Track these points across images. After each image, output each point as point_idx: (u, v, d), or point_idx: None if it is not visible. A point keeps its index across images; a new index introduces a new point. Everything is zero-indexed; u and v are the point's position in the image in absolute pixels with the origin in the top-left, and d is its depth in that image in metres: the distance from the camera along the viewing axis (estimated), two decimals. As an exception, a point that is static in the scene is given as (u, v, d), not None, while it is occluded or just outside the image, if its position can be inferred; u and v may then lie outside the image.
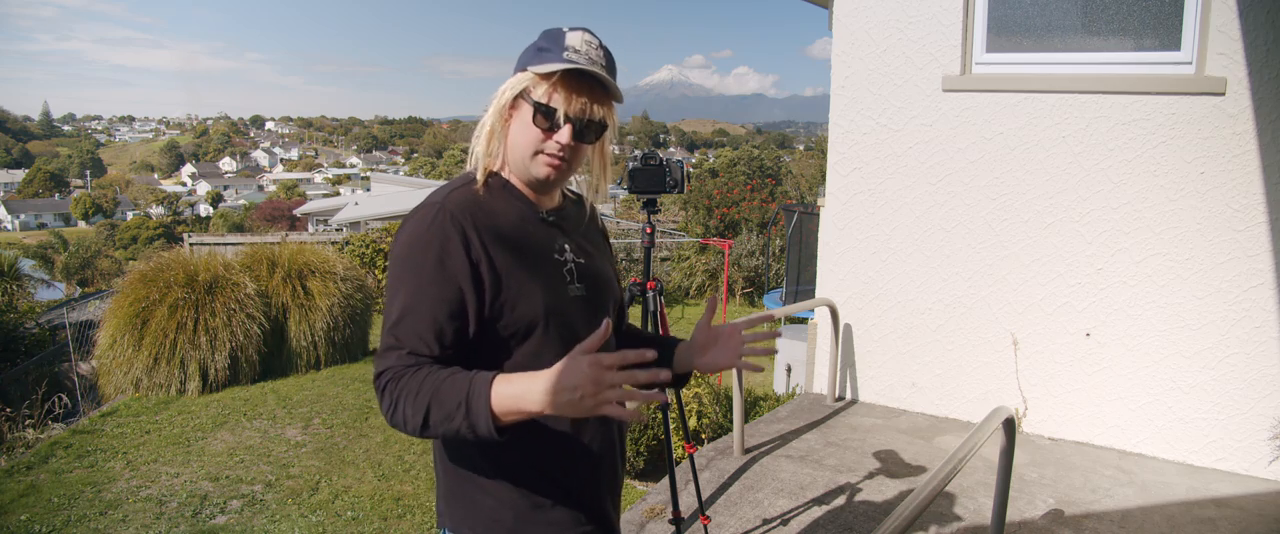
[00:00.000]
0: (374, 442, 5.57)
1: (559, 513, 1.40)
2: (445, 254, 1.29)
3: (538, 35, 1.40)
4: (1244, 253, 3.71)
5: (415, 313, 1.27)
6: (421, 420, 1.20)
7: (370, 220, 22.25)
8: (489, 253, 1.32)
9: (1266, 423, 3.71)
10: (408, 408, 1.21)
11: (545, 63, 1.33)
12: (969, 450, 2.05)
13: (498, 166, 1.43)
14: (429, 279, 1.28)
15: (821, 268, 4.85)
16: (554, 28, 1.39)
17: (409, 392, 1.21)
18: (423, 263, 1.29)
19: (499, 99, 1.37)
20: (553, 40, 1.36)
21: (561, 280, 1.41)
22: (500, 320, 1.33)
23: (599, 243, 1.58)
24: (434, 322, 1.27)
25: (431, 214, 1.32)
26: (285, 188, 77.07)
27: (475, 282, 1.30)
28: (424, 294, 1.28)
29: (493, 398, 1.17)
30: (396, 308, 1.29)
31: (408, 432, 1.24)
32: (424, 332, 1.27)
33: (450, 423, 1.18)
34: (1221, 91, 3.67)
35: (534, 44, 1.38)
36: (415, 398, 1.20)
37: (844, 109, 4.63)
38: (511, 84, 1.37)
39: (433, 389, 1.20)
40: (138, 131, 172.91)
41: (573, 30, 1.37)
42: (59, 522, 4.22)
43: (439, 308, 1.28)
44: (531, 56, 1.36)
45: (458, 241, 1.29)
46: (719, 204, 16.62)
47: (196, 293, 6.99)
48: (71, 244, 44.81)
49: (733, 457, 3.90)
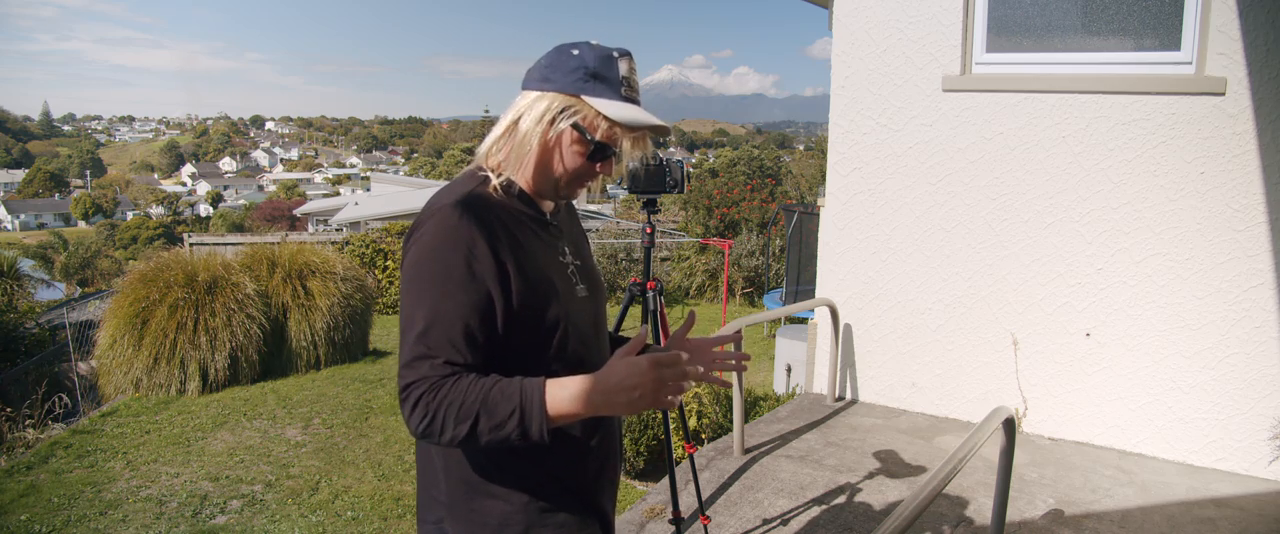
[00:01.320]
0: (374, 442, 5.57)
1: (565, 516, 1.39)
2: (474, 257, 1.25)
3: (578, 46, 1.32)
4: (1244, 253, 3.71)
5: (445, 319, 1.22)
6: (467, 430, 1.17)
7: (370, 220, 22.24)
8: (514, 255, 1.29)
9: (1266, 423, 3.71)
10: (449, 418, 1.18)
11: (604, 98, 1.29)
12: (969, 450, 2.05)
13: (509, 169, 1.39)
14: (458, 283, 1.24)
15: (821, 268, 4.85)
16: (600, 48, 1.32)
17: (451, 402, 1.18)
18: (451, 266, 1.24)
19: (542, 114, 1.31)
20: (605, 66, 1.30)
21: (569, 282, 1.41)
22: (526, 323, 1.31)
23: (584, 241, 1.59)
24: (466, 327, 1.23)
25: (456, 216, 1.27)
26: (285, 188, 77.09)
27: (503, 284, 1.27)
28: (453, 299, 1.23)
29: (548, 404, 1.17)
30: (423, 314, 1.23)
31: (441, 442, 1.20)
32: (457, 338, 1.22)
33: (500, 431, 1.17)
34: (1221, 91, 3.67)
35: (579, 61, 1.31)
36: (460, 408, 1.18)
37: (844, 109, 4.63)
38: (557, 103, 1.30)
39: (480, 398, 1.18)
40: (138, 131, 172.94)
41: (621, 56, 1.32)
42: (59, 522, 4.22)
43: (470, 313, 1.23)
44: (582, 81, 1.30)
45: (485, 244, 1.26)
46: (719, 204, 16.62)
47: (196, 293, 6.99)
48: (71, 244, 44.81)
49: (733, 457, 3.90)
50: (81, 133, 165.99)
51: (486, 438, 1.18)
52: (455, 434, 1.18)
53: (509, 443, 1.19)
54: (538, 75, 1.33)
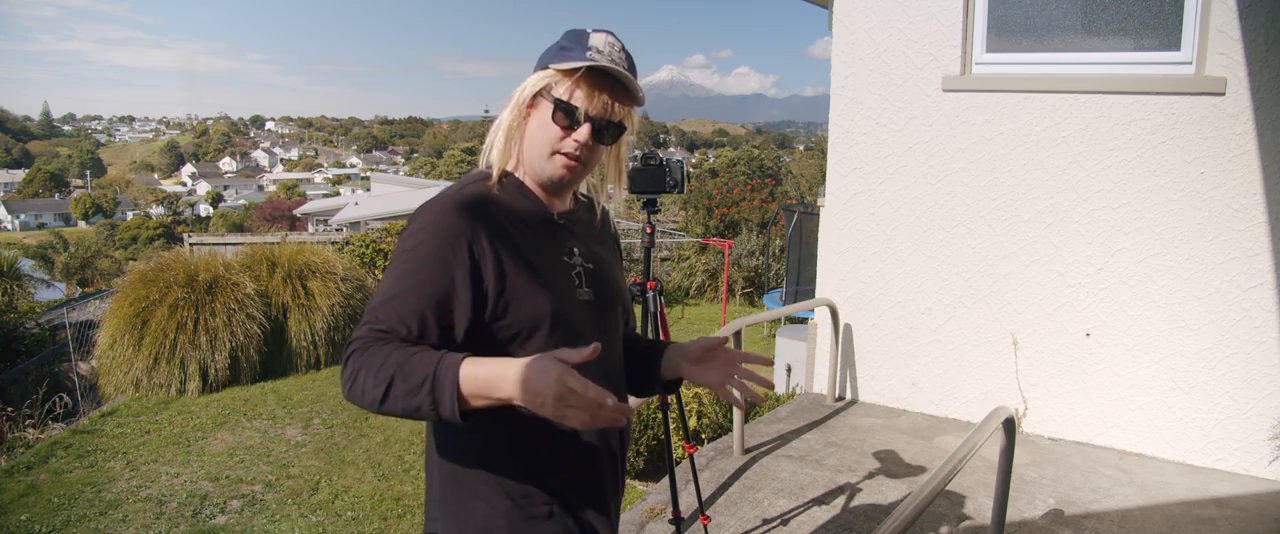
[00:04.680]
0: (374, 442, 5.57)
1: (552, 525, 1.37)
2: (447, 247, 1.26)
3: (561, 35, 1.39)
4: (1244, 253, 3.71)
5: (402, 298, 1.24)
6: (381, 393, 1.14)
7: (370, 220, 22.22)
8: (495, 251, 1.29)
9: (1266, 423, 3.71)
10: (369, 379, 1.14)
11: (567, 60, 1.32)
12: (969, 450, 2.05)
13: (512, 165, 1.41)
14: (424, 268, 1.25)
15: (821, 268, 4.85)
16: (578, 28, 1.38)
17: (372, 363, 1.15)
18: (422, 252, 1.26)
19: (519, 96, 1.36)
20: (576, 40, 1.35)
21: (569, 283, 1.39)
22: (500, 320, 1.30)
23: (610, 247, 1.56)
24: (419, 309, 1.23)
25: (442, 207, 1.30)
26: (285, 188, 77.06)
27: (474, 280, 1.27)
28: (414, 281, 1.24)
29: (462, 379, 1.11)
30: (384, 290, 1.25)
31: (365, 405, 1.17)
32: (408, 316, 1.22)
33: (413, 399, 1.12)
34: (1221, 91, 3.67)
35: (557, 43, 1.37)
36: (378, 370, 1.14)
37: (844, 109, 4.63)
38: (533, 81, 1.35)
39: (399, 362, 1.14)
40: (138, 131, 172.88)
41: (597, 31, 1.36)
42: (59, 522, 4.22)
43: (427, 298, 1.24)
44: (554, 55, 1.35)
45: (463, 237, 1.27)
46: (719, 204, 16.62)
47: (196, 293, 6.99)
48: (71, 244, 44.81)
49: (733, 457, 3.90)
50: (81, 133, 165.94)
51: (401, 404, 1.13)
52: (373, 396, 1.14)
53: (423, 415, 1.13)
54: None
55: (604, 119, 1.33)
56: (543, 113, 1.34)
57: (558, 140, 1.34)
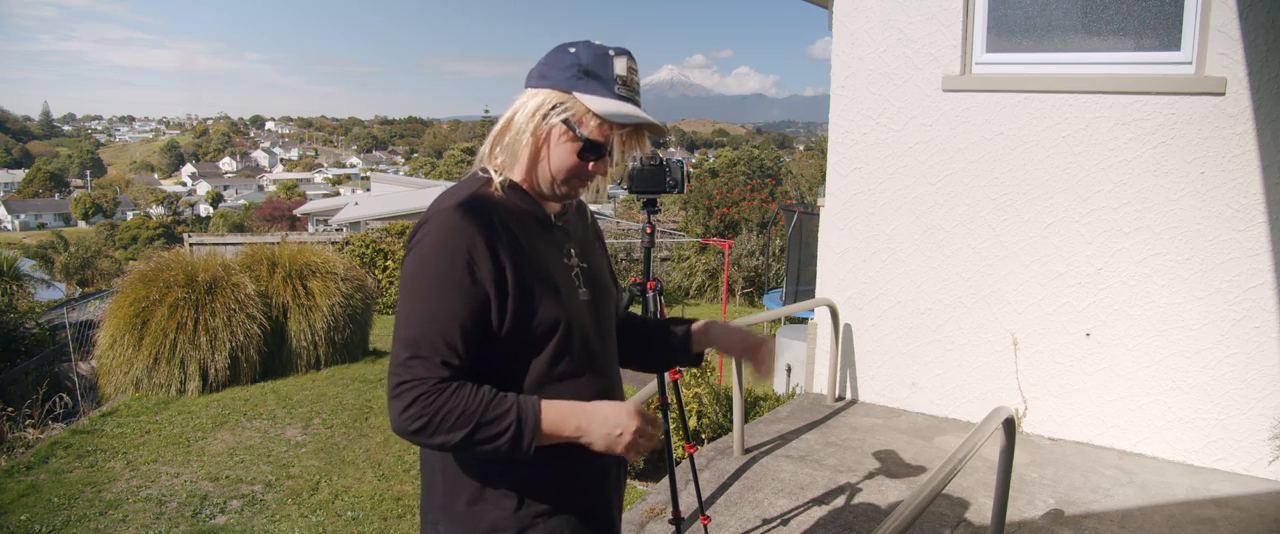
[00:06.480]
0: (374, 442, 5.57)
1: (558, 521, 1.38)
2: (474, 260, 1.26)
3: (577, 45, 1.33)
4: (1244, 253, 3.71)
5: (442, 321, 1.24)
6: (462, 436, 1.22)
7: (370, 220, 22.21)
8: (514, 257, 1.30)
9: (1266, 423, 3.72)
10: (447, 423, 1.21)
11: (596, 96, 1.29)
12: (969, 450, 2.05)
13: (520, 177, 1.39)
14: (457, 286, 1.25)
15: (821, 268, 4.85)
16: (597, 46, 1.33)
17: (452, 409, 1.22)
18: (450, 269, 1.25)
19: (535, 110, 1.32)
20: (599, 64, 1.31)
21: (572, 285, 1.40)
22: (523, 326, 1.31)
23: (596, 245, 1.57)
24: (462, 330, 1.25)
25: (458, 218, 1.28)
26: (285, 188, 77.08)
27: (500, 287, 1.28)
28: (450, 301, 1.25)
29: (543, 421, 1.25)
30: (421, 314, 1.25)
31: (429, 444, 1.24)
32: (454, 340, 1.25)
33: (494, 442, 1.23)
34: (1221, 91, 3.67)
35: (574, 58, 1.31)
36: (460, 415, 1.21)
37: (844, 109, 4.63)
38: (550, 99, 1.31)
39: (480, 410, 1.22)
40: (138, 131, 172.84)
41: (618, 54, 1.32)
42: (59, 522, 4.22)
43: (467, 316, 1.25)
44: (575, 78, 1.30)
45: (485, 246, 1.27)
46: (719, 204, 16.62)
47: (196, 293, 6.99)
48: (71, 244, 44.83)
49: (733, 457, 3.90)
50: (81, 133, 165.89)
51: (479, 448, 1.23)
52: (448, 439, 1.22)
53: (497, 455, 1.23)
54: (536, 73, 1.35)
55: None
56: (562, 138, 1.32)
57: (579, 169, 1.34)
